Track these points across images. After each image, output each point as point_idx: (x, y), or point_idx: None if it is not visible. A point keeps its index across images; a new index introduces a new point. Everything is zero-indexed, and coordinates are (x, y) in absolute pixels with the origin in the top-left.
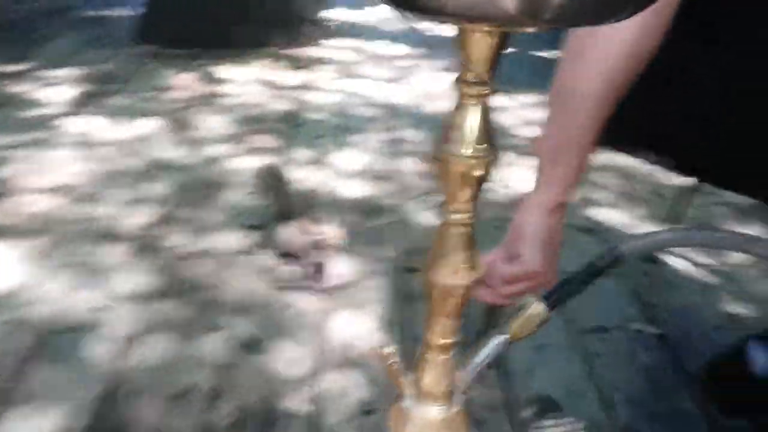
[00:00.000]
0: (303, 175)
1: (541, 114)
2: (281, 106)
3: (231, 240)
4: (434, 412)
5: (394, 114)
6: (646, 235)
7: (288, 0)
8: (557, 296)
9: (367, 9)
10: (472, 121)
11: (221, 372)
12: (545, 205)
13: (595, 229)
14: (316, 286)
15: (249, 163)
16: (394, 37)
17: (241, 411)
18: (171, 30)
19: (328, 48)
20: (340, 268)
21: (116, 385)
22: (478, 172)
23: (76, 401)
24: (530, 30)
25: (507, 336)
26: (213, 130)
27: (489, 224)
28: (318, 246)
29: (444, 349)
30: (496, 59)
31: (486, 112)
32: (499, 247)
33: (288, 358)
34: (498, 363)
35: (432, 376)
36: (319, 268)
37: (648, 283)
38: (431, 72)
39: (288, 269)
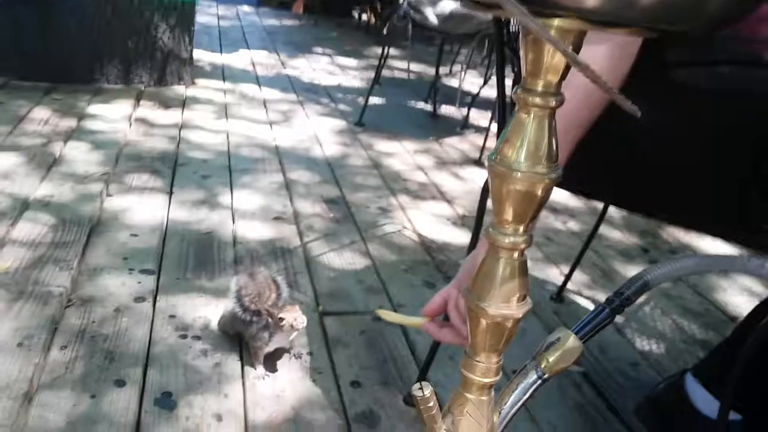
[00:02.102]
0: (196, 217)
1: (427, 160)
2: (158, 144)
3: (123, 285)
4: None
5: (281, 156)
6: (669, 263)
7: (152, 38)
8: (589, 328)
9: (232, 53)
10: (538, 134)
11: (137, 429)
12: None
13: None
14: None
15: (130, 203)
16: (263, 82)
17: None
18: (18, 61)
19: (198, 88)
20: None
21: None
22: (540, 192)
23: None
24: (624, 32)
25: (542, 373)
26: (84, 167)
27: (396, 267)
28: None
29: (484, 389)
30: (568, 68)
31: (552, 125)
32: (452, 286)
33: (212, 413)
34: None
35: (470, 421)
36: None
37: (559, 322)
38: (310, 116)
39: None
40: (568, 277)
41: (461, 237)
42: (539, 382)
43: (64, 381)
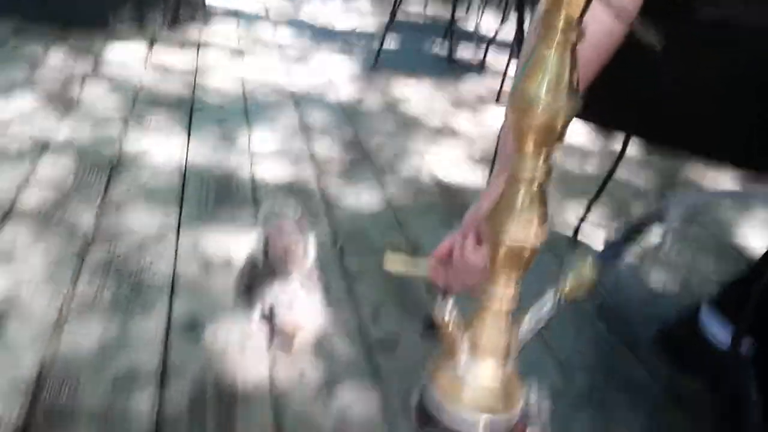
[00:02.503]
0: (215, 159)
1: (443, 102)
2: (174, 87)
3: (146, 222)
4: (491, 374)
5: (297, 100)
6: (690, 194)
7: None
8: (610, 255)
9: None
10: (559, 67)
11: (165, 353)
12: None
13: None
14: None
15: (149, 145)
16: (277, 25)
17: (197, 392)
18: (32, 4)
19: (212, 31)
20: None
21: (49, 370)
22: (560, 122)
23: (4, 389)
24: None
25: (560, 298)
26: (103, 110)
27: (413, 208)
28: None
29: (502, 315)
30: (589, 2)
31: (572, 58)
32: (459, 233)
33: (237, 339)
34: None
35: (491, 340)
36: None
37: (573, 259)
38: (325, 60)
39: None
40: (583, 218)
41: (479, 178)
42: (557, 307)
43: (93, 310)
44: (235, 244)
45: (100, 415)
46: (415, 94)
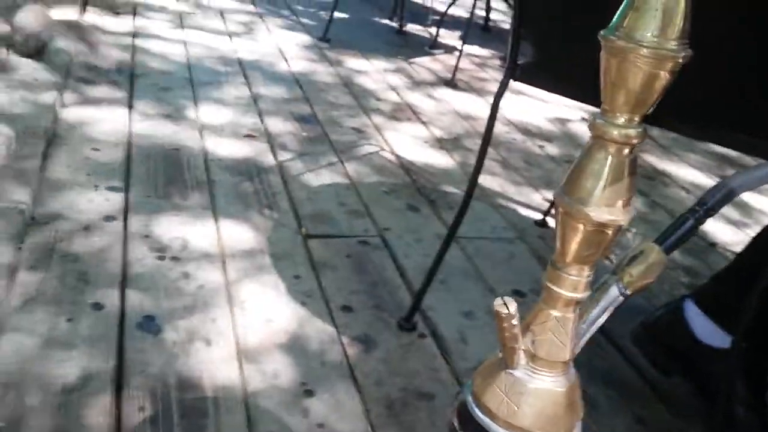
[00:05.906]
0: (161, 132)
1: (398, 79)
2: (112, 53)
3: (90, 202)
4: (553, 381)
5: (245, 69)
6: (755, 169)
7: None
8: (673, 240)
9: None
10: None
11: (120, 352)
12: None
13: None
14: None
15: (88, 115)
16: None
17: (159, 400)
18: None
19: None
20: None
21: None
22: (668, 74)
23: None
24: None
25: (624, 289)
26: (34, 78)
27: (377, 189)
28: None
29: (571, 305)
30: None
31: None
32: None
33: (201, 337)
34: (432, 332)
35: (553, 340)
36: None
37: (545, 247)
38: (272, 29)
39: None
40: (553, 202)
41: (440, 160)
42: (621, 299)
43: (36, 303)
44: (191, 228)
45: (50, 430)
46: (369, 69)
